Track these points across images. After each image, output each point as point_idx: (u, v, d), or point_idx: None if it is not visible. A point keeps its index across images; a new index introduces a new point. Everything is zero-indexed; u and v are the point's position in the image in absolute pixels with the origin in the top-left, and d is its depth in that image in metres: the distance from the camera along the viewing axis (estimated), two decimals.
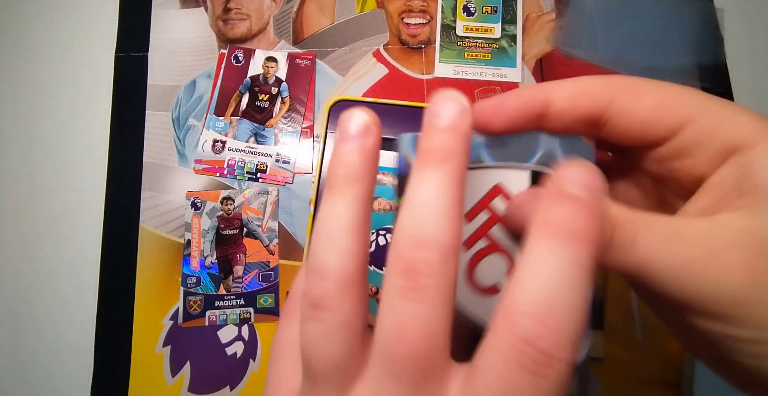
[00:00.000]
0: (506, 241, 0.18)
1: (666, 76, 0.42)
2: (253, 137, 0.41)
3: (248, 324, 0.38)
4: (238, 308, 0.37)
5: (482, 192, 0.18)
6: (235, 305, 0.38)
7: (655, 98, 0.17)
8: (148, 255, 0.39)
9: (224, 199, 0.39)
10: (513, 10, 0.44)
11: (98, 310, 0.38)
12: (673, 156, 0.17)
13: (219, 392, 0.36)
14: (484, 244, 0.18)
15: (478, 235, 0.18)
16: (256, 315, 0.38)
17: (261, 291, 0.38)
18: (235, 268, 0.38)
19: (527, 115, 0.18)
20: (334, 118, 0.34)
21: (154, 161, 0.41)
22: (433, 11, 0.44)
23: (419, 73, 0.43)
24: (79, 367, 0.37)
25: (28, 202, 0.41)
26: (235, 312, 0.38)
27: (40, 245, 0.40)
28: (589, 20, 0.43)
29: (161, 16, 0.44)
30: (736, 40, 0.44)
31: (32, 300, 0.39)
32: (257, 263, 0.39)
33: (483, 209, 0.18)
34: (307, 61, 0.43)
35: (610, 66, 0.43)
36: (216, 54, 0.43)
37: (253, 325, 0.37)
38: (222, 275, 0.38)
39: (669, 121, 0.17)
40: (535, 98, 0.18)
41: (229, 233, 0.39)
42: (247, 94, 0.42)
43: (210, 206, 0.39)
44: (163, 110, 0.42)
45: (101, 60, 0.43)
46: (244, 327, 0.37)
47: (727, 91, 0.43)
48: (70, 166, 0.41)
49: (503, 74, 0.42)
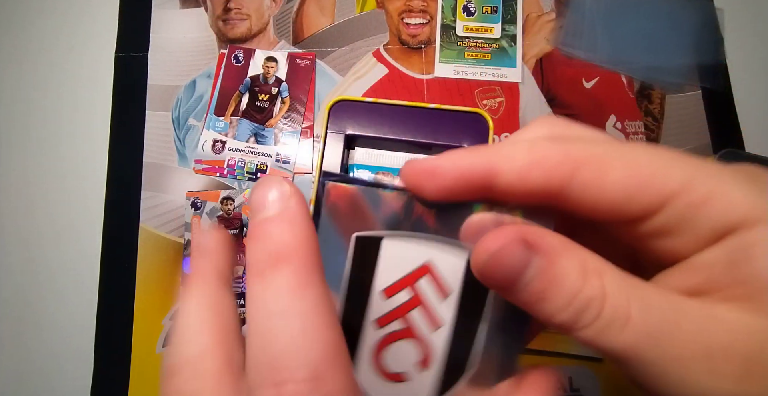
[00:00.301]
0: (425, 328, 0.16)
1: (666, 76, 0.42)
2: (253, 137, 0.41)
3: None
4: (238, 308, 0.37)
5: (408, 268, 0.16)
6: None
7: (627, 172, 0.14)
8: (148, 255, 0.39)
9: (224, 199, 0.39)
10: (513, 10, 0.44)
11: (98, 310, 0.38)
12: (651, 235, 0.15)
13: None
14: (399, 327, 0.16)
15: (395, 315, 0.16)
16: None
17: None
18: (235, 269, 0.38)
19: (467, 186, 0.15)
20: (335, 118, 0.34)
21: (154, 161, 0.41)
22: (433, 11, 0.44)
23: (419, 73, 0.43)
24: (79, 368, 0.37)
25: (28, 203, 0.41)
26: None
27: (41, 245, 0.40)
28: (589, 20, 0.43)
29: (161, 16, 0.44)
30: (736, 40, 0.44)
31: (32, 300, 0.39)
32: None
33: (405, 288, 0.16)
34: (307, 61, 0.43)
35: (610, 66, 0.43)
36: (216, 54, 0.43)
37: None
38: None
39: (645, 199, 0.14)
40: (476, 168, 0.15)
41: (229, 233, 0.39)
42: (247, 94, 0.42)
43: (210, 206, 0.39)
44: (163, 110, 0.42)
45: (101, 60, 0.43)
46: (243, 327, 0.37)
47: (727, 91, 0.43)
48: (70, 166, 0.41)
49: (503, 74, 0.42)
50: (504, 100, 0.42)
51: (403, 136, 0.34)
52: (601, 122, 0.42)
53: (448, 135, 0.34)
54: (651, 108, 0.42)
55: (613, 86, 0.43)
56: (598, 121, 0.42)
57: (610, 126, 0.42)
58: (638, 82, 0.43)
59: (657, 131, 0.42)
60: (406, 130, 0.34)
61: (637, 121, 0.42)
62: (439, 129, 0.34)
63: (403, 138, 0.34)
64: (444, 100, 0.42)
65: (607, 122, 0.42)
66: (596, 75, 0.43)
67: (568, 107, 0.42)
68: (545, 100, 0.42)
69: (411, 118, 0.34)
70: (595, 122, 0.42)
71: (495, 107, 0.42)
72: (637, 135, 0.42)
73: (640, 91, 0.43)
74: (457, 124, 0.34)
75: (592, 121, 0.42)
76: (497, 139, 0.41)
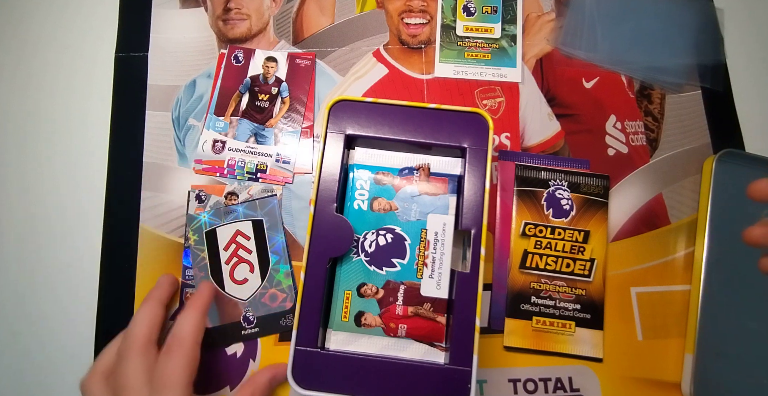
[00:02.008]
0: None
1: (666, 76, 0.42)
2: (253, 137, 0.41)
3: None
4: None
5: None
6: None
7: None
8: (148, 255, 0.39)
9: (228, 194, 0.39)
10: (513, 10, 0.44)
11: (98, 310, 0.38)
12: None
13: (219, 392, 0.36)
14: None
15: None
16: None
17: None
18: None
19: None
20: (335, 118, 0.34)
21: (154, 161, 0.41)
22: (433, 11, 0.44)
23: (419, 73, 0.43)
24: (79, 368, 0.37)
25: (28, 203, 0.41)
26: None
27: (40, 245, 0.40)
28: (589, 20, 0.43)
29: (161, 16, 0.44)
30: (736, 40, 0.44)
31: (32, 300, 0.39)
32: None
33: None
34: (307, 60, 0.43)
35: (610, 66, 0.43)
36: (216, 54, 0.43)
37: None
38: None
39: None
40: None
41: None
42: (247, 94, 0.42)
43: (214, 200, 0.39)
44: (163, 110, 0.42)
45: (101, 60, 0.43)
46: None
47: (727, 91, 0.43)
48: (70, 166, 0.41)
49: (503, 74, 0.42)
50: (504, 100, 0.42)
51: (403, 136, 0.34)
52: (601, 122, 0.42)
53: (448, 135, 0.34)
54: (651, 108, 0.42)
55: (613, 86, 0.43)
56: (598, 121, 0.42)
57: (610, 126, 0.42)
58: (638, 82, 0.43)
59: (657, 131, 0.42)
60: (406, 130, 0.34)
61: (637, 121, 0.42)
62: (439, 129, 0.34)
63: (403, 138, 0.34)
64: (444, 100, 0.42)
65: (607, 122, 0.42)
66: (596, 75, 0.43)
67: (568, 107, 0.42)
68: (545, 100, 0.42)
69: (411, 118, 0.34)
70: (595, 122, 0.42)
71: (495, 107, 0.42)
72: (637, 135, 0.42)
73: (640, 91, 0.43)
74: (457, 124, 0.34)
75: (592, 121, 0.42)
76: (497, 139, 0.41)
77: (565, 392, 0.36)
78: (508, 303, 0.37)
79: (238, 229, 0.38)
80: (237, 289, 0.38)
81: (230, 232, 0.38)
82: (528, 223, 0.38)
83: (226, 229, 0.38)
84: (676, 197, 0.40)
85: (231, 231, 0.38)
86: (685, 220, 0.40)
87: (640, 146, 0.41)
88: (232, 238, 0.38)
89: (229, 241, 0.38)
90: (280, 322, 0.37)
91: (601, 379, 0.36)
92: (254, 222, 0.39)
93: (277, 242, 0.38)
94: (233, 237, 0.38)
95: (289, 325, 0.37)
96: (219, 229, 0.38)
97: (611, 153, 0.41)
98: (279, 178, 0.40)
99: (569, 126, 0.42)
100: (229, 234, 0.38)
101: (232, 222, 0.39)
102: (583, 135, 0.41)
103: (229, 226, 0.39)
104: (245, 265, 0.38)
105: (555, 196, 0.38)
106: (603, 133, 0.41)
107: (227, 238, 0.38)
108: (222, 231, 0.38)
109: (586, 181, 0.39)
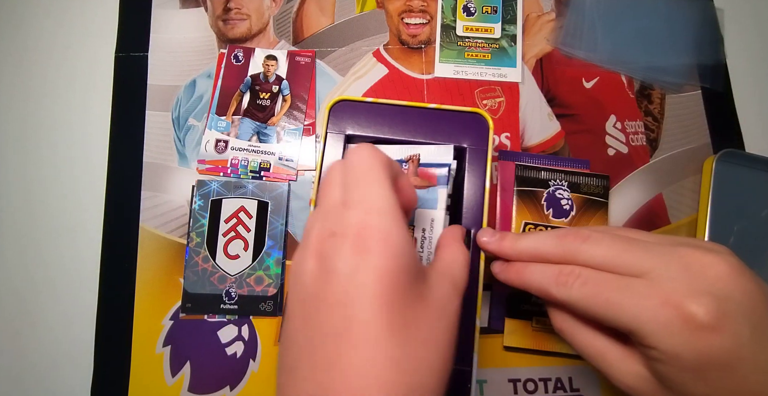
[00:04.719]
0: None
1: (666, 76, 0.42)
2: (255, 136, 0.41)
3: (248, 323, 0.38)
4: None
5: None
6: None
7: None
8: (148, 255, 0.39)
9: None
10: (513, 10, 0.44)
11: (98, 310, 0.38)
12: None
13: (219, 392, 0.36)
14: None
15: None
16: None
17: None
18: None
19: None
20: (335, 119, 0.34)
21: (154, 161, 0.41)
22: (433, 11, 0.44)
23: (419, 73, 0.43)
24: (79, 367, 0.37)
25: (28, 203, 0.41)
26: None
27: (40, 245, 0.40)
28: (589, 20, 0.43)
29: (161, 16, 0.44)
30: (736, 40, 0.44)
31: (32, 300, 0.39)
32: None
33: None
34: (307, 58, 0.43)
35: (610, 66, 0.43)
36: (216, 54, 0.43)
37: (253, 325, 0.37)
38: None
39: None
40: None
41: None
42: (248, 93, 0.42)
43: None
44: (163, 110, 0.42)
45: (101, 60, 0.43)
46: (244, 327, 0.37)
47: (727, 91, 0.43)
48: (70, 166, 0.41)
49: (503, 74, 0.42)
50: (504, 100, 0.42)
51: (403, 136, 0.34)
52: (601, 122, 0.42)
53: (448, 135, 0.34)
54: (651, 108, 0.42)
55: (613, 86, 0.43)
56: (598, 121, 0.42)
57: (610, 126, 0.42)
58: (638, 82, 0.43)
59: (657, 131, 0.42)
60: (406, 130, 0.34)
61: (637, 121, 0.42)
62: (439, 129, 0.34)
63: (403, 138, 0.34)
64: (444, 100, 0.42)
65: (607, 122, 0.42)
66: (596, 75, 0.43)
67: (568, 107, 0.42)
68: (545, 100, 0.42)
69: (411, 118, 0.34)
70: (595, 122, 0.42)
71: (495, 107, 0.42)
72: (637, 135, 0.42)
73: (640, 91, 0.43)
74: (457, 124, 0.34)
75: (593, 121, 0.42)
76: (497, 139, 0.41)
77: (565, 392, 0.36)
78: (508, 303, 0.37)
79: (243, 205, 0.39)
80: (227, 263, 0.38)
81: (235, 206, 0.39)
82: (528, 223, 0.38)
83: (231, 202, 0.39)
84: (676, 197, 0.40)
85: (236, 205, 0.39)
86: (685, 220, 0.40)
87: (640, 146, 0.41)
88: (234, 213, 0.39)
89: (231, 214, 0.39)
90: (260, 306, 0.37)
91: (601, 379, 0.36)
92: (260, 202, 0.39)
93: (276, 228, 0.39)
94: (236, 212, 0.39)
95: (268, 311, 0.37)
96: (225, 200, 0.39)
97: (611, 153, 0.41)
98: (283, 176, 0.40)
99: (569, 126, 0.42)
100: (233, 208, 0.39)
101: (239, 197, 0.39)
102: (583, 135, 0.41)
103: (236, 201, 0.39)
104: (240, 241, 0.38)
105: (555, 196, 0.38)
106: (603, 133, 0.42)
107: (230, 211, 0.39)
108: (227, 203, 0.39)
109: (586, 181, 0.39)
